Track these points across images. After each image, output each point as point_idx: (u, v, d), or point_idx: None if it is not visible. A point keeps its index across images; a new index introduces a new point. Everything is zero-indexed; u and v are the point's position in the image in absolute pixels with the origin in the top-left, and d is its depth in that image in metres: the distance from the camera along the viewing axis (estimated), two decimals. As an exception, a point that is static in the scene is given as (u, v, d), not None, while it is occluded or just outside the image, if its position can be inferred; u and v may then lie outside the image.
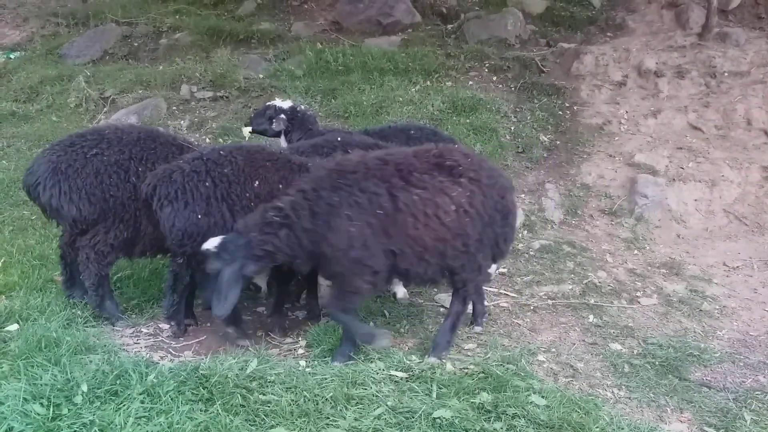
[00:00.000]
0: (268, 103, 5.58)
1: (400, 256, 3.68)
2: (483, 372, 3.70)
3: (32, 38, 11.46)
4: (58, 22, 11.67)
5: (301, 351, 4.06)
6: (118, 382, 3.26)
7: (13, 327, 3.91)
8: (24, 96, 9.30)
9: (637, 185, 6.91)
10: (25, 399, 3.03)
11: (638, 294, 5.31)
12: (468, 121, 7.58)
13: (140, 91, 8.80)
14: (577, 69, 8.74)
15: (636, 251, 6.23)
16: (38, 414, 2.95)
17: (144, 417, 3.01)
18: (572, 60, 8.87)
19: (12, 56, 10.74)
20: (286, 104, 5.47)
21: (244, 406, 3.16)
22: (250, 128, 5.56)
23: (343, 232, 3.56)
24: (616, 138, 7.71)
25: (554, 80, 8.63)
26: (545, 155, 7.53)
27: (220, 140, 7.49)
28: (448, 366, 3.77)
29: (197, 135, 7.81)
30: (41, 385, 3.17)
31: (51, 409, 3.00)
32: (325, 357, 3.83)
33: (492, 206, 3.86)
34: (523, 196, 6.84)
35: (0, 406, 2.97)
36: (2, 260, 4.91)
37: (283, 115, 5.37)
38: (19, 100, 9.21)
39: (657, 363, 4.18)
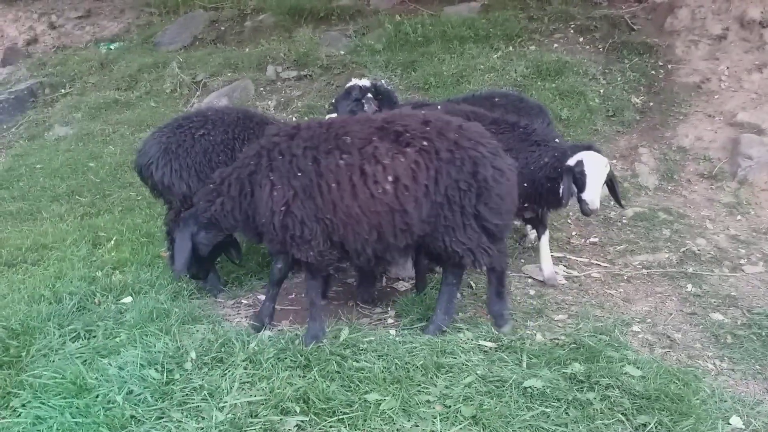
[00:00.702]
0: (349, 85, 5.58)
1: (330, 227, 3.45)
2: (574, 343, 3.65)
3: (129, 29, 12.15)
4: (151, 12, 12.30)
5: (390, 320, 4.15)
6: (222, 349, 3.49)
7: (128, 299, 4.24)
8: (125, 84, 9.91)
9: (740, 146, 6.45)
10: (141, 365, 3.30)
11: (742, 261, 5.01)
12: (554, 85, 7.34)
13: (229, 74, 9.14)
14: (671, 24, 8.20)
15: (739, 216, 5.86)
16: (154, 379, 3.22)
17: (247, 382, 3.21)
18: (665, 15, 8.33)
19: (112, 47, 11.44)
20: (366, 83, 5.42)
21: (339, 372, 3.29)
22: (335, 115, 5.57)
23: (267, 197, 3.45)
24: (716, 96, 7.22)
25: (646, 38, 8.15)
26: (638, 118, 7.19)
27: (306, 119, 7.67)
28: (538, 336, 3.75)
29: (284, 114, 8.04)
30: (155, 352, 3.45)
31: (165, 375, 3.26)
32: (414, 326, 3.90)
33: (453, 183, 3.41)
34: (614, 161, 6.58)
35: (120, 371, 3.26)
36: (114, 238, 5.31)
37: (370, 95, 5.37)
38: (120, 88, 9.83)
39: (764, 334, 3.95)
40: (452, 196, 3.43)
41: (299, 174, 3.43)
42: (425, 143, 3.41)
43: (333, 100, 5.71)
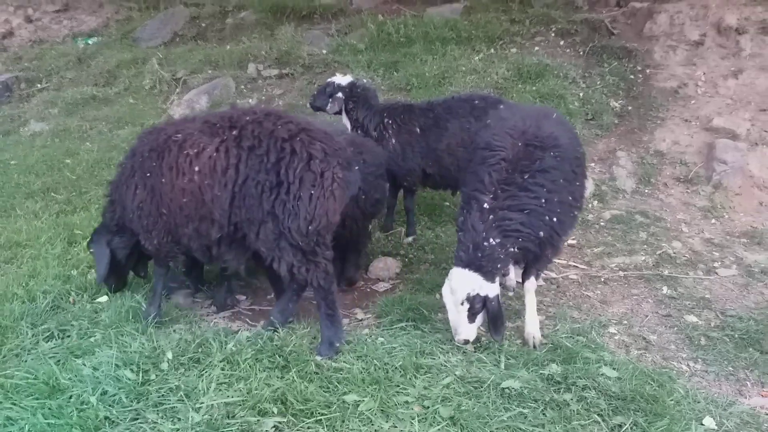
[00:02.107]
0: (328, 80, 5.63)
1: (167, 221, 3.62)
2: (552, 344, 3.69)
3: (107, 23, 11.98)
4: (130, 7, 12.14)
5: (370, 321, 4.15)
6: (200, 350, 3.46)
7: (103, 299, 4.18)
8: (103, 80, 9.77)
9: (715, 151, 6.57)
10: (116, 365, 3.26)
11: (716, 264, 5.09)
12: (534, 88, 7.39)
13: (209, 71, 9.07)
14: (650, 29, 8.32)
15: (714, 220, 5.96)
16: (129, 379, 3.17)
17: (225, 383, 3.18)
18: (645, 20, 8.44)
19: (90, 42, 11.27)
20: (345, 80, 5.47)
21: (317, 373, 3.29)
22: None
23: (131, 198, 3.71)
24: (693, 101, 7.33)
25: (625, 42, 8.25)
26: (616, 122, 7.27)
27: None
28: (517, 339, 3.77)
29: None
30: (131, 352, 3.40)
31: (140, 375, 3.22)
32: (393, 326, 3.91)
33: (253, 175, 3.37)
34: (593, 164, 6.65)
35: (95, 372, 3.21)
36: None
37: (340, 94, 5.41)
38: (98, 84, 9.69)
39: (736, 336, 4.02)
40: (249, 188, 3.38)
41: (148, 174, 3.61)
42: (234, 132, 3.44)
43: (314, 92, 5.73)
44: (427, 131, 5.17)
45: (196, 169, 3.43)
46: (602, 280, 4.82)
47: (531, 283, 3.84)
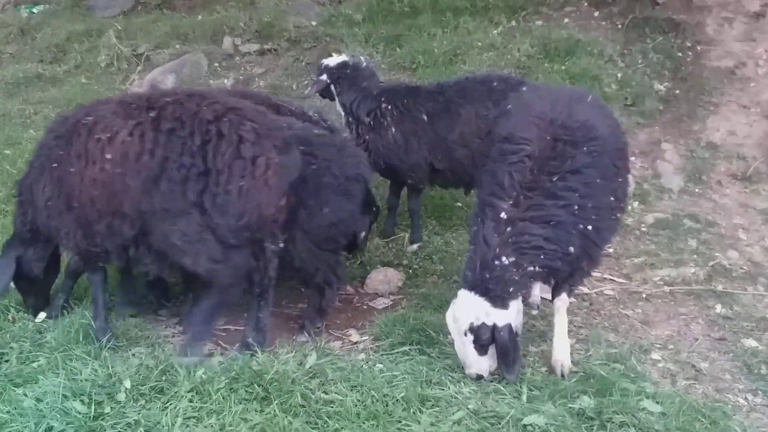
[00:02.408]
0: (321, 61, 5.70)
1: (79, 217, 3.66)
2: (584, 372, 3.68)
3: (56, -12, 11.97)
4: (83, -31, 12.14)
5: (367, 344, 4.16)
6: (164, 378, 3.45)
7: (42, 315, 4.18)
8: (50, 56, 9.76)
9: (779, 143, 6.58)
10: (64, 396, 3.24)
11: (780, 278, 5.10)
12: (563, 67, 7.40)
13: (177, 46, 9.07)
14: (702, -1, 8.33)
15: (777, 225, 5.97)
16: (79, 412, 3.16)
17: (193, 417, 3.17)
18: (695, -13, 8.45)
19: (35, 10, 11.27)
20: (335, 61, 5.53)
21: (304, 406, 3.27)
22: None
23: (40, 195, 3.74)
24: (752, 84, 7.34)
25: (671, 14, 8.25)
26: (661, 108, 7.27)
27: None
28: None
29: (242, 95, 7.99)
30: (81, 380, 3.39)
31: (92, 407, 3.20)
32: (394, 350, 3.91)
33: (175, 157, 3.44)
34: (633, 159, 6.65)
35: (38, 404, 3.20)
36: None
37: (324, 76, 5.47)
38: (44, 61, 9.69)
39: (804, 363, 4.02)
40: (169, 174, 3.43)
41: (55, 165, 3.64)
42: (151, 114, 3.49)
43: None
44: (436, 118, 5.18)
45: (108, 156, 3.46)
46: (644, 296, 4.82)
47: (562, 301, 3.82)
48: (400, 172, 5.28)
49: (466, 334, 3.41)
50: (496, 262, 3.35)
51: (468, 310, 3.37)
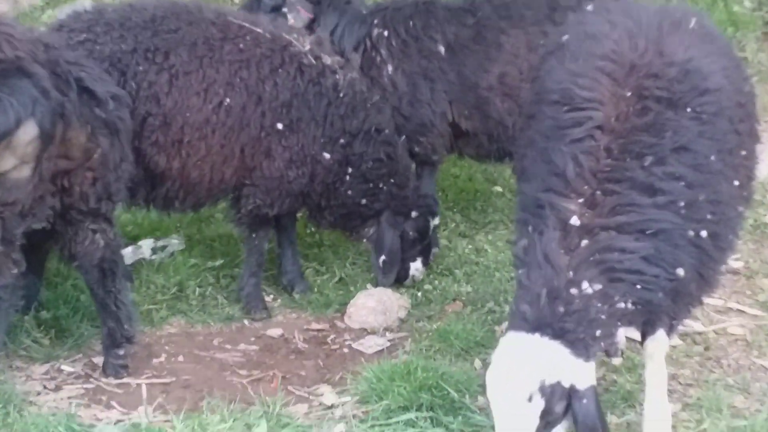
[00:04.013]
0: None
1: None
2: (695, 457, 3.69)
3: None
4: None
5: (348, 410, 4.16)
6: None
7: None
8: None
9: None
10: None
11: None
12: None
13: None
14: None
15: None
16: None
17: None
18: None
19: None
20: None
21: None
22: None
23: None
24: None
25: None
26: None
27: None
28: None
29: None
30: None
31: None
32: (391, 420, 3.91)
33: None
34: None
35: None
36: None
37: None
38: None
39: None
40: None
41: None
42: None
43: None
44: (461, 52, 5.23)
45: None
46: (792, 337, 4.85)
47: (658, 344, 3.80)
48: (404, 134, 5.26)
49: (530, 400, 3.31)
50: (573, 291, 3.29)
51: (535, 363, 3.28)
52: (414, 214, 5.17)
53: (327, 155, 4.96)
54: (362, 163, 5.05)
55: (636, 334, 3.96)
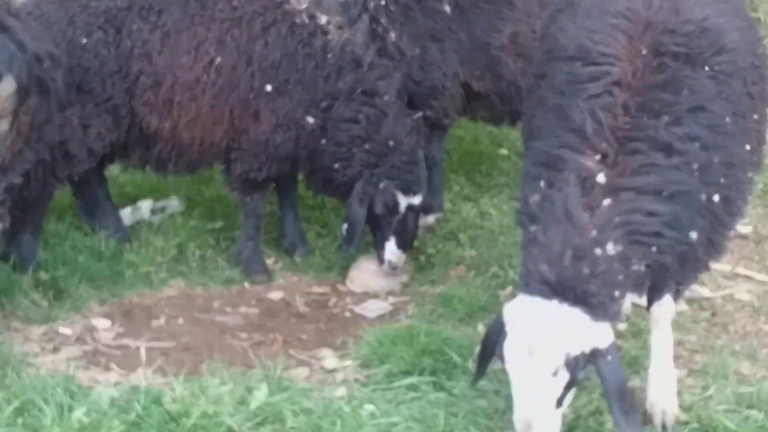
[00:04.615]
0: None
1: None
2: (699, 424, 3.69)
3: None
4: None
5: (350, 374, 4.18)
6: (19, 420, 3.44)
7: None
8: None
9: None
10: None
11: None
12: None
13: None
14: None
15: None
16: None
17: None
18: None
19: None
20: None
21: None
22: None
23: None
24: None
25: None
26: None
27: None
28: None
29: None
30: None
31: None
32: (393, 384, 3.91)
33: None
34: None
35: None
36: None
37: None
38: None
39: None
40: None
41: None
42: None
43: None
44: (471, 11, 5.20)
45: None
46: (800, 303, 4.84)
47: (664, 309, 3.78)
48: (412, 97, 5.24)
49: (555, 375, 3.29)
50: (597, 251, 3.28)
51: (559, 334, 3.21)
52: (381, 185, 5.04)
53: (310, 119, 4.95)
54: (337, 126, 5.04)
55: (642, 300, 3.94)
